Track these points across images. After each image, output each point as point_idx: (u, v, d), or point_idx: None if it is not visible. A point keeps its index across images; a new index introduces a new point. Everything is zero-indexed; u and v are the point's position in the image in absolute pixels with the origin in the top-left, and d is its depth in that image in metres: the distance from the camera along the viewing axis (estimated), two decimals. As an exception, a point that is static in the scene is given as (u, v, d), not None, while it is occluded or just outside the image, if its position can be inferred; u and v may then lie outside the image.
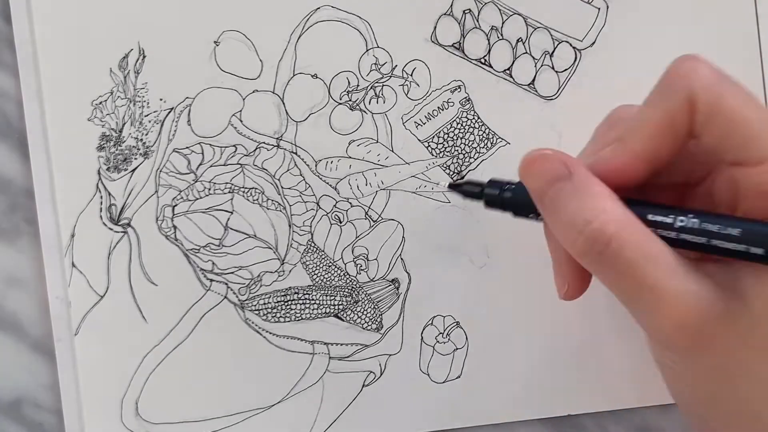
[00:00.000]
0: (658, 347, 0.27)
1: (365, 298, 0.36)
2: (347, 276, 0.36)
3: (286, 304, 0.35)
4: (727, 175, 0.26)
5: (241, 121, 0.35)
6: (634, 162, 0.26)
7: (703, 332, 0.25)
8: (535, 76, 0.36)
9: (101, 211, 0.35)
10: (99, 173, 0.35)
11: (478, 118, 0.36)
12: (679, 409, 0.29)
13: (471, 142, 0.36)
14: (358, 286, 0.36)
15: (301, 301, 0.35)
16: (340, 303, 0.36)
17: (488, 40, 0.36)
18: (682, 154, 0.27)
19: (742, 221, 0.24)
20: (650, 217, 0.26)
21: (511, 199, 0.29)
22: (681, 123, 0.25)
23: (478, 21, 0.36)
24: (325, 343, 0.36)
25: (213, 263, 0.35)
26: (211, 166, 0.35)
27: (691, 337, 0.25)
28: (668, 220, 0.25)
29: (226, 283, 0.35)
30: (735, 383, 0.26)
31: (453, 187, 0.32)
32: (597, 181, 0.26)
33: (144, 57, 0.35)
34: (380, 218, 0.36)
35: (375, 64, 0.35)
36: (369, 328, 0.36)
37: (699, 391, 0.27)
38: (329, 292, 0.36)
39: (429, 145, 0.36)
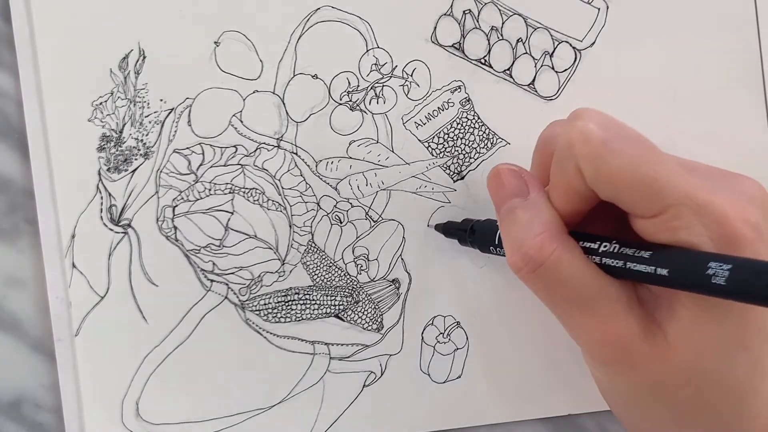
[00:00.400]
0: (588, 359, 0.29)
1: (366, 299, 0.36)
2: (348, 276, 0.36)
3: (286, 304, 0.35)
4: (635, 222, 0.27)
5: (242, 121, 0.35)
6: (559, 214, 0.28)
7: (625, 351, 0.26)
8: (535, 77, 0.36)
9: (102, 211, 0.35)
10: (99, 174, 0.35)
11: (478, 118, 0.36)
12: (616, 418, 0.31)
13: (471, 143, 0.36)
14: (358, 286, 0.36)
15: (301, 302, 0.35)
16: (341, 303, 0.36)
17: (488, 41, 0.36)
18: None
19: (655, 246, 0.25)
20: (581, 243, 0.27)
21: (474, 238, 0.33)
22: (579, 188, 0.27)
23: (478, 21, 0.36)
24: (325, 344, 0.36)
25: (213, 264, 0.35)
26: (211, 166, 0.35)
27: (614, 354, 0.27)
28: (594, 246, 0.27)
29: (227, 284, 0.35)
30: (653, 401, 0.27)
31: (437, 227, 0.35)
32: (549, 206, 0.28)
33: (144, 57, 0.35)
34: (381, 218, 0.36)
35: (375, 64, 0.35)
36: (369, 328, 0.36)
37: (625, 403, 0.29)
38: (330, 292, 0.36)
39: (429, 146, 0.36)
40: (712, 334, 0.25)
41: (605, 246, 0.27)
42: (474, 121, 0.36)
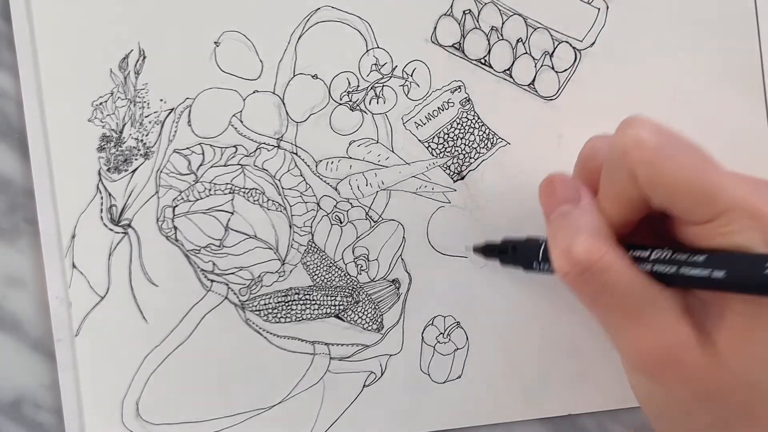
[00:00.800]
0: (632, 371, 0.29)
1: (366, 299, 0.36)
2: (348, 276, 0.36)
3: (286, 304, 0.35)
4: (685, 229, 0.27)
5: (242, 121, 0.35)
6: (609, 223, 0.28)
7: (674, 362, 0.26)
8: (535, 77, 0.36)
9: (102, 211, 0.35)
10: (99, 174, 0.35)
11: (478, 118, 0.36)
12: (651, 424, 0.31)
13: (471, 143, 0.36)
14: (358, 286, 0.36)
15: (301, 302, 0.35)
16: (341, 303, 0.36)
17: (488, 41, 0.36)
18: None
19: (709, 251, 0.25)
20: (631, 252, 0.27)
21: (516, 256, 0.33)
22: (632, 195, 0.27)
23: (478, 21, 0.36)
24: (325, 344, 0.36)
25: (213, 264, 0.35)
26: (211, 166, 0.35)
27: (662, 364, 0.26)
28: (645, 253, 0.27)
29: (227, 284, 0.35)
30: (698, 412, 0.27)
31: (476, 250, 0.35)
32: (599, 213, 0.28)
33: (144, 58, 0.35)
34: (381, 219, 0.36)
35: (375, 64, 0.35)
36: (369, 328, 0.36)
37: (667, 413, 0.29)
38: (330, 292, 0.36)
39: (429, 146, 0.36)
40: (763, 341, 0.25)
41: (657, 253, 0.26)
42: (474, 121, 0.36)
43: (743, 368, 0.26)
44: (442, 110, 0.36)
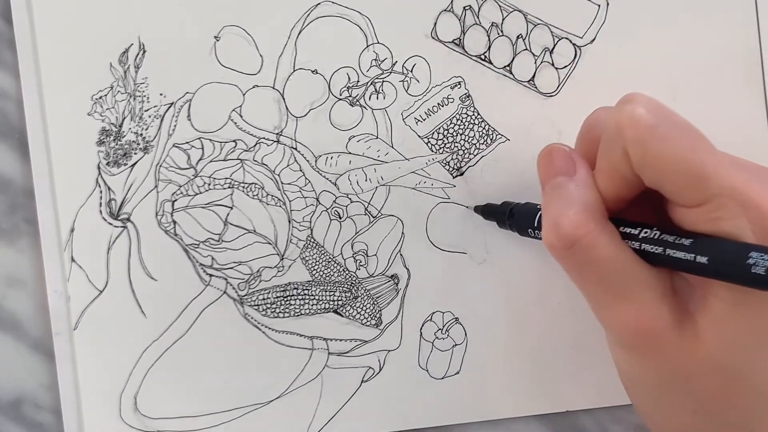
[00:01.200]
0: (613, 345, 0.29)
1: (364, 294, 0.36)
2: (347, 271, 0.36)
3: (285, 299, 0.35)
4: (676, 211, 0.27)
5: (241, 116, 0.35)
6: (603, 198, 0.28)
7: (654, 339, 0.26)
8: (535, 73, 0.36)
9: (101, 205, 0.35)
10: (99, 168, 0.35)
11: (478, 114, 0.36)
12: (633, 406, 0.31)
13: (471, 139, 0.36)
14: (357, 281, 0.36)
15: (300, 297, 0.35)
16: (340, 299, 0.36)
17: (488, 37, 0.36)
18: None
19: (696, 234, 0.25)
20: (621, 229, 0.27)
21: (513, 220, 0.33)
22: (625, 172, 0.26)
23: (478, 17, 0.36)
24: (324, 339, 0.36)
25: (212, 258, 0.35)
26: (210, 161, 0.35)
27: (643, 341, 0.27)
28: (634, 231, 0.27)
29: (226, 279, 0.35)
30: (676, 392, 0.27)
31: (476, 209, 0.35)
32: (593, 187, 0.28)
33: (144, 52, 0.35)
34: (380, 214, 0.36)
35: (375, 60, 0.35)
36: (368, 323, 0.36)
37: (647, 392, 0.29)
38: (328, 287, 0.36)
39: (429, 141, 0.36)
40: (743, 329, 0.25)
41: (645, 232, 0.26)
42: (474, 117, 0.36)
43: (721, 352, 0.26)
44: (442, 106, 0.36)
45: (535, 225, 0.31)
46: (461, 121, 0.36)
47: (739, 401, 0.27)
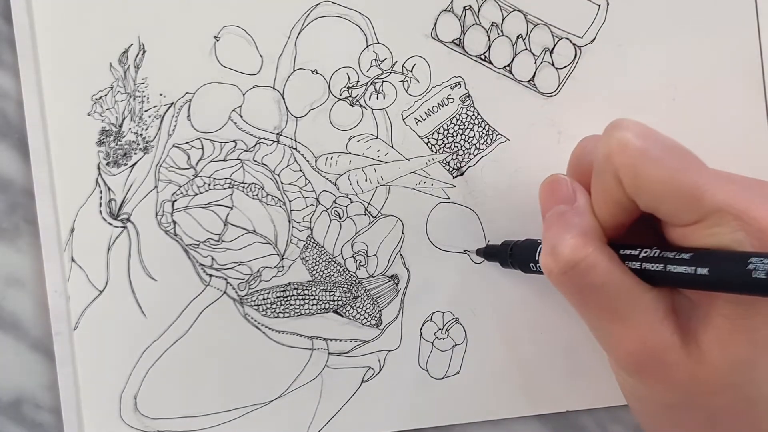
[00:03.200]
0: (616, 368, 0.29)
1: (364, 294, 0.36)
2: (347, 272, 0.36)
3: (285, 299, 0.35)
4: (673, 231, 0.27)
5: (241, 116, 0.35)
6: (601, 225, 0.28)
7: (658, 362, 0.26)
8: (535, 73, 0.36)
9: (101, 206, 0.35)
10: (99, 168, 0.35)
11: (478, 114, 0.36)
12: (636, 419, 0.31)
13: (471, 139, 0.36)
14: (357, 281, 0.36)
15: (300, 297, 0.35)
16: (340, 299, 0.36)
17: (488, 37, 0.36)
18: None
19: (696, 249, 0.25)
20: (620, 251, 0.27)
21: (514, 258, 0.33)
22: (620, 198, 0.27)
23: (478, 17, 0.36)
24: (324, 339, 0.36)
25: (212, 258, 0.35)
26: (210, 161, 0.35)
27: (646, 364, 0.26)
28: (634, 252, 0.27)
29: (226, 279, 0.35)
30: (683, 411, 0.27)
31: (478, 252, 0.36)
32: (591, 214, 0.28)
33: (144, 52, 0.35)
34: (380, 214, 0.36)
35: (375, 60, 0.35)
36: (368, 323, 0.36)
37: (653, 412, 0.29)
38: (328, 287, 0.36)
39: (429, 141, 0.36)
40: (747, 343, 0.25)
41: (645, 252, 0.26)
42: (474, 117, 0.36)
43: (727, 369, 0.26)
44: (442, 106, 0.36)
45: (537, 259, 0.31)
46: (461, 121, 0.36)
47: (747, 414, 0.27)
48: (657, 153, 0.25)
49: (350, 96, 0.35)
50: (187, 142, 0.35)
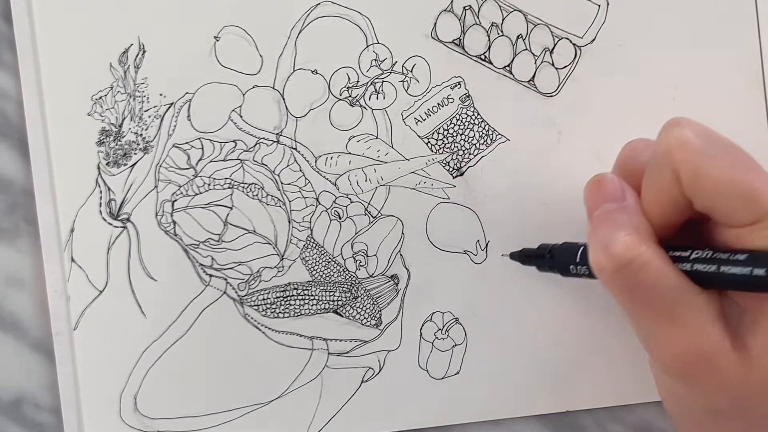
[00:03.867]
0: (660, 373, 0.29)
1: (364, 294, 0.36)
2: (346, 272, 0.36)
3: (285, 299, 0.35)
4: (727, 233, 0.27)
5: (241, 116, 0.35)
6: (651, 225, 0.28)
7: (706, 364, 0.26)
8: (535, 73, 0.36)
9: (101, 206, 0.35)
10: (98, 168, 0.35)
11: (478, 114, 0.36)
12: (673, 424, 0.31)
13: (471, 139, 0.36)
14: (357, 282, 0.36)
15: (300, 297, 0.35)
16: (339, 299, 0.36)
17: (488, 37, 0.36)
18: None
19: (751, 250, 0.25)
20: (671, 253, 0.27)
21: (553, 262, 0.33)
22: (675, 196, 0.26)
23: (478, 17, 0.36)
24: (324, 339, 0.36)
25: (212, 258, 0.35)
26: (210, 161, 0.35)
27: (694, 367, 0.26)
28: (685, 253, 0.26)
29: (225, 279, 0.35)
30: (729, 415, 0.27)
31: (512, 256, 0.35)
32: (641, 212, 0.28)
33: (144, 52, 0.35)
34: (380, 214, 0.36)
35: (375, 60, 0.35)
36: (368, 324, 0.36)
37: (696, 416, 0.28)
38: (328, 287, 0.36)
39: (429, 142, 0.36)
40: None
41: (697, 253, 0.26)
42: (474, 117, 0.36)
43: None
44: (442, 106, 0.36)
45: (578, 260, 0.31)
46: (461, 121, 0.36)
47: None
48: (716, 152, 0.25)
49: (350, 96, 0.35)
50: (187, 142, 0.35)
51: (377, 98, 0.35)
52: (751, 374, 0.25)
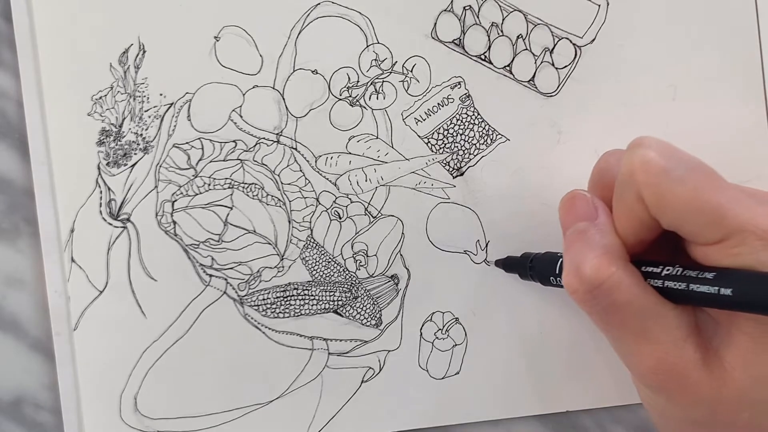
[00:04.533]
0: (640, 385, 0.29)
1: (364, 294, 0.36)
2: (347, 272, 0.36)
3: (285, 299, 0.35)
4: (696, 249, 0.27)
5: (241, 116, 0.35)
6: (623, 242, 0.28)
7: (680, 379, 0.26)
8: (535, 73, 0.36)
9: (101, 206, 0.35)
10: (99, 168, 0.35)
11: (478, 114, 0.36)
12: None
13: (471, 139, 0.36)
14: (357, 281, 0.36)
15: (300, 297, 0.35)
16: (340, 299, 0.36)
17: (488, 37, 0.36)
18: None
19: (719, 268, 0.25)
20: (642, 269, 0.27)
21: (534, 271, 0.33)
22: (642, 216, 0.26)
23: (478, 17, 0.36)
24: (324, 339, 0.36)
25: (212, 258, 0.35)
26: (210, 161, 0.35)
27: (669, 382, 0.26)
28: (656, 270, 0.27)
29: (226, 279, 0.35)
30: (707, 427, 0.27)
31: (497, 263, 0.36)
32: (613, 231, 0.28)
33: (144, 52, 0.35)
34: (380, 214, 0.36)
35: (375, 60, 0.35)
36: (368, 324, 0.36)
37: (677, 427, 0.29)
38: (328, 287, 0.36)
39: (429, 141, 0.36)
40: None
41: (668, 270, 0.26)
42: (474, 117, 0.36)
43: (750, 386, 0.25)
44: (442, 106, 0.36)
45: (557, 272, 0.31)
46: (461, 121, 0.36)
47: None
48: (680, 172, 0.25)
49: (350, 96, 0.35)
50: (187, 142, 0.35)
51: (377, 98, 0.35)
52: (725, 387, 0.26)
